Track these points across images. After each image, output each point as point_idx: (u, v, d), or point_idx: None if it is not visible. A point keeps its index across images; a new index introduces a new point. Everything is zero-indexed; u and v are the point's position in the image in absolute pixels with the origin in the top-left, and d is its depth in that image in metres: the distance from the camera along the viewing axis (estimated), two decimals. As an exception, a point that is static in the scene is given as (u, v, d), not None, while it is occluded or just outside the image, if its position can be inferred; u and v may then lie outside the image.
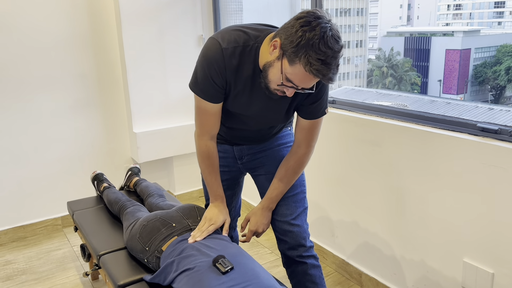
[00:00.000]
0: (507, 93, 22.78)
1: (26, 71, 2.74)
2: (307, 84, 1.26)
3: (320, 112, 1.48)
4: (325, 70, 1.19)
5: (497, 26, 26.93)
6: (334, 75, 1.22)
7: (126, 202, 2.09)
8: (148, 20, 2.92)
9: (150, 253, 1.62)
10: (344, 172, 2.24)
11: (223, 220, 1.60)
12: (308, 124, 1.50)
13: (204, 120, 1.49)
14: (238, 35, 1.36)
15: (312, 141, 1.54)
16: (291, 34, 1.19)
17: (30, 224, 2.91)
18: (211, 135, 1.53)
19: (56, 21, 2.77)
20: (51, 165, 2.92)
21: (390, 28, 27.68)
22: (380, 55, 25.32)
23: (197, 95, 1.44)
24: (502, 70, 22.34)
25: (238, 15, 3.19)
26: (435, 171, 1.79)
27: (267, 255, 2.62)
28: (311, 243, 1.65)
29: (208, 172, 1.58)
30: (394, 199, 2.00)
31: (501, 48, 23.21)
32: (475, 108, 11.97)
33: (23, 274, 2.49)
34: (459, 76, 23.13)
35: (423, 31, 25.62)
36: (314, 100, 1.44)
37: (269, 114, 1.48)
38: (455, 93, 23.36)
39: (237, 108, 1.48)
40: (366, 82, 25.59)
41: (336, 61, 1.21)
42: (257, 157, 1.67)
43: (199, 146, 1.54)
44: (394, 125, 1.93)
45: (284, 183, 1.58)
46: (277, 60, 1.25)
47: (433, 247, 1.86)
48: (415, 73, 24.41)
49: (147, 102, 3.03)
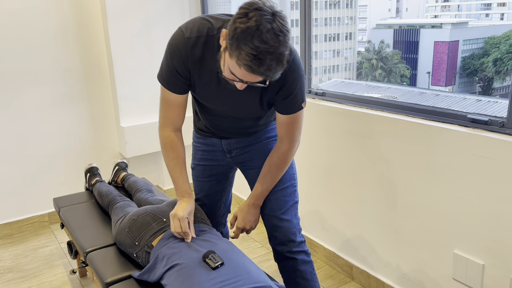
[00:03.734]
0: (494, 85, 22.99)
1: (9, 64, 2.67)
2: (248, 78, 1.17)
3: (296, 107, 1.42)
4: (256, 66, 1.10)
5: (485, 18, 27.11)
6: (270, 72, 1.13)
7: (117, 196, 2.05)
8: (134, 13, 2.87)
9: (139, 248, 1.59)
10: (334, 164, 2.22)
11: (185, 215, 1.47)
12: (286, 119, 1.45)
13: (168, 112, 1.46)
14: (202, 25, 1.32)
15: (293, 136, 1.49)
16: (229, 26, 1.14)
17: (16, 221, 2.86)
18: (175, 127, 1.49)
19: (40, 12, 2.70)
20: (37, 160, 2.86)
21: (379, 20, 27.72)
22: (369, 48, 25.36)
23: (162, 85, 1.42)
24: (489, 61, 22.52)
25: (227, 6, 3.15)
26: (426, 163, 1.78)
27: (257, 249, 2.60)
28: (302, 238, 1.62)
29: (172, 166, 1.50)
30: (384, 191, 1.99)
31: (488, 40, 23.39)
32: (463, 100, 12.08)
33: (10, 272, 2.44)
34: (448, 68, 23.29)
35: (412, 23, 25.69)
36: (286, 95, 1.38)
37: (241, 106, 1.44)
38: (444, 85, 23.52)
39: (207, 100, 1.44)
40: (356, 75, 25.64)
41: (273, 57, 1.10)
42: (246, 150, 1.64)
43: (162, 137, 1.50)
44: (384, 117, 1.92)
45: (269, 179, 1.55)
46: (223, 52, 1.20)
47: (424, 239, 1.86)
48: (404, 65, 24.51)
49: (135, 96, 2.98)
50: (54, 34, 2.77)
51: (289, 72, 1.33)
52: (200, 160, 1.72)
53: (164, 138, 1.50)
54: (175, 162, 1.51)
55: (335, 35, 24.96)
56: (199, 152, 1.71)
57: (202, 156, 1.70)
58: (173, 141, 1.49)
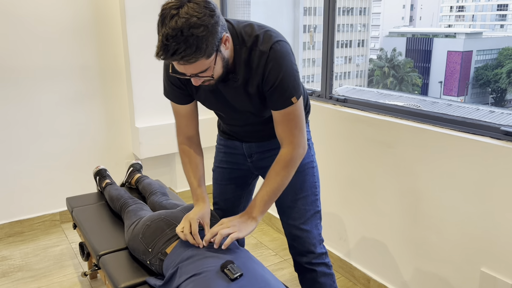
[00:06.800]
0: (507, 96, 22.75)
1: (26, 61, 2.65)
2: (181, 69, 1.18)
3: (283, 100, 1.30)
4: (164, 52, 1.10)
5: (500, 29, 26.87)
6: (179, 56, 1.10)
7: (129, 199, 2.00)
8: (153, 12, 2.83)
9: (153, 255, 1.54)
10: (354, 173, 2.16)
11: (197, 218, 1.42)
12: (279, 117, 1.34)
13: (177, 121, 1.51)
14: None
15: (292, 138, 1.35)
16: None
17: (27, 219, 2.83)
18: (187, 136, 1.52)
19: (58, 8, 2.68)
20: (50, 158, 2.83)
21: (392, 28, 27.60)
22: (381, 55, 25.24)
23: (165, 96, 1.46)
24: (503, 73, 22.32)
25: (246, 8, 3.11)
26: (453, 176, 1.71)
27: (271, 257, 2.54)
28: (323, 250, 1.56)
29: (186, 170, 1.53)
30: (407, 203, 1.92)
31: (503, 51, 23.19)
32: (476, 111, 11.96)
33: (19, 271, 2.41)
34: (460, 78, 23.11)
35: (425, 32, 25.55)
36: (269, 86, 1.29)
37: (238, 106, 1.39)
38: (456, 95, 23.33)
39: (209, 106, 1.45)
40: (367, 82, 25.52)
41: (179, 40, 1.08)
42: (267, 156, 1.58)
43: (178, 144, 1.55)
44: (410, 126, 1.85)
45: (266, 186, 1.39)
46: None
47: (448, 255, 1.79)
48: (417, 74, 24.36)
49: (151, 96, 2.94)
50: (70, 31, 2.74)
51: (267, 61, 1.27)
52: (220, 163, 1.67)
53: (179, 145, 1.54)
54: (188, 167, 1.53)
55: (348, 42, 24.87)
56: (220, 154, 1.67)
57: (223, 159, 1.66)
58: (185, 149, 1.53)
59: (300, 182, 1.54)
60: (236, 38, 1.29)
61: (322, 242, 1.57)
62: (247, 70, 1.30)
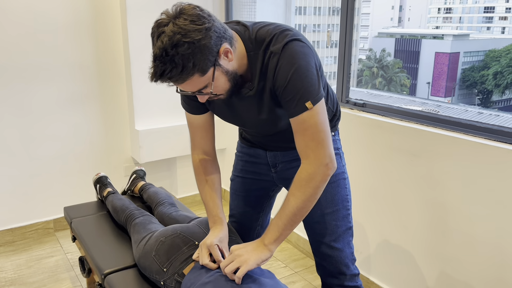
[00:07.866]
0: (493, 98, 23.00)
1: (19, 58, 2.46)
2: (182, 87, 1.12)
3: (297, 105, 1.14)
4: (154, 75, 1.05)
5: (486, 31, 27.18)
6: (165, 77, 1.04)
7: (135, 211, 1.85)
8: (157, 7, 2.67)
9: (168, 275, 1.40)
10: (375, 183, 2.04)
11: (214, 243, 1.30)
12: (293, 125, 1.18)
13: (192, 134, 1.41)
14: None
15: (308, 151, 1.17)
16: None
17: (19, 227, 2.65)
18: (203, 150, 1.41)
19: (55, 3, 2.50)
20: (44, 163, 2.65)
21: (381, 29, 27.70)
22: (370, 56, 25.30)
23: (183, 107, 1.39)
24: (490, 74, 22.56)
25: (252, 6, 2.97)
26: (487, 188, 1.60)
27: (281, 269, 2.41)
28: (356, 271, 1.43)
29: (201, 188, 1.42)
30: (434, 216, 1.81)
31: (489, 53, 23.44)
32: (465, 112, 11.99)
33: (12, 284, 2.23)
34: (448, 79, 23.30)
35: (413, 33, 25.69)
36: (280, 86, 1.15)
37: (253, 116, 1.27)
38: (443, 96, 23.51)
39: (222, 117, 1.35)
40: (356, 82, 25.58)
41: (165, 60, 1.02)
42: (292, 166, 1.44)
43: (193, 160, 1.44)
44: (438, 134, 1.74)
45: (284, 208, 1.23)
46: None
47: (479, 273, 1.68)
48: (405, 74, 24.49)
49: (152, 98, 2.78)
50: (66, 27, 2.57)
51: (279, 60, 1.14)
52: (240, 172, 1.54)
53: (194, 162, 1.43)
54: (203, 185, 1.41)
55: (336, 42, 24.85)
56: (240, 163, 1.53)
57: (244, 168, 1.52)
58: (201, 165, 1.41)
59: (330, 195, 1.41)
60: (249, 44, 1.16)
61: (355, 261, 1.44)
62: (261, 77, 1.18)
